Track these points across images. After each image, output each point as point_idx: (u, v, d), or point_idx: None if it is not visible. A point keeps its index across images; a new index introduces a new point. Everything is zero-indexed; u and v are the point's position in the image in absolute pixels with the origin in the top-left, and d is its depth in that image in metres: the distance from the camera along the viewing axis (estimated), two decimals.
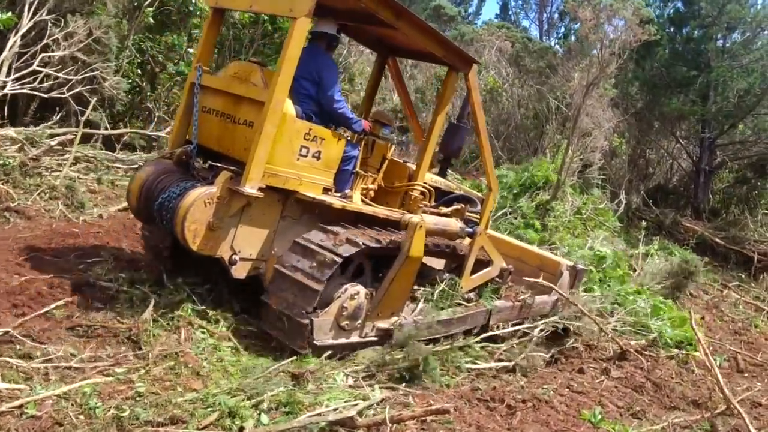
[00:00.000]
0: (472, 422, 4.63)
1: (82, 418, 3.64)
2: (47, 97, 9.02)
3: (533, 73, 16.07)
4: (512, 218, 11.12)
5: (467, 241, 6.52)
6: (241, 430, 3.77)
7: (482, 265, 6.62)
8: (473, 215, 6.74)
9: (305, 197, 5.11)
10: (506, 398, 5.31)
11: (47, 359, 4.19)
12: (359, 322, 5.26)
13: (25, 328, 4.53)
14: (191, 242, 4.65)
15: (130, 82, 10.23)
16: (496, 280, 6.84)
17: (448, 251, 6.14)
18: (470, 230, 6.35)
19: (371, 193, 6.19)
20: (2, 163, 7.49)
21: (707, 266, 13.72)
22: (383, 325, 5.42)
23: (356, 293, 5.16)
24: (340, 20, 5.75)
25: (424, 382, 5.19)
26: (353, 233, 5.09)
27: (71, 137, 8.59)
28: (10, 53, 8.46)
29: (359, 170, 5.94)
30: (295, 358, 4.92)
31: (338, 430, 3.87)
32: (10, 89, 8.42)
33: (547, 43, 18.96)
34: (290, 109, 4.90)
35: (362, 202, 5.82)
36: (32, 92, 8.84)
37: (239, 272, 5.08)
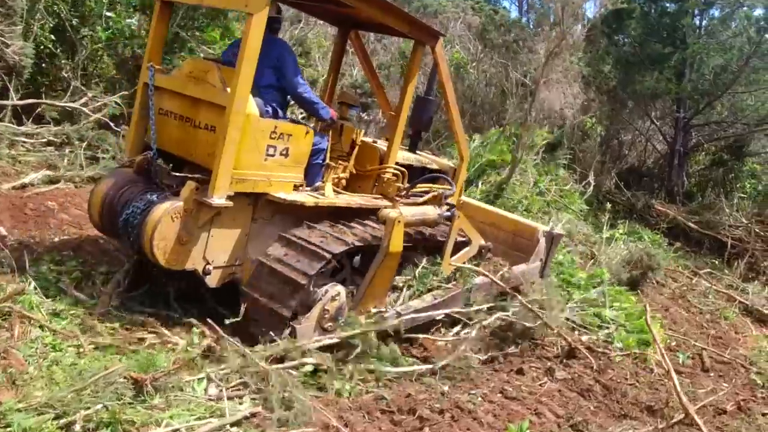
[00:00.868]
0: None
1: None
2: None
3: (499, 47, 15.11)
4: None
5: None
6: None
7: (462, 244, 6.41)
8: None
9: (277, 199, 4.92)
10: (419, 408, 4.43)
11: None
12: (342, 320, 5.02)
13: None
14: (161, 259, 4.47)
15: (42, 48, 9.18)
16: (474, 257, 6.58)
17: (428, 238, 6.03)
18: (448, 214, 6.10)
19: (343, 182, 5.98)
20: None
21: (678, 251, 12.97)
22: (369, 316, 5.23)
23: (337, 294, 4.97)
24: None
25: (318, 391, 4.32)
26: (340, 231, 5.07)
27: None
28: None
29: (329, 162, 5.69)
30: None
31: None
32: None
33: (517, 17, 18.03)
34: (253, 108, 4.67)
35: (334, 192, 5.58)
36: None
37: (214, 281, 4.91)
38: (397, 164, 6.19)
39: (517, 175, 11.06)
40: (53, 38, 9.41)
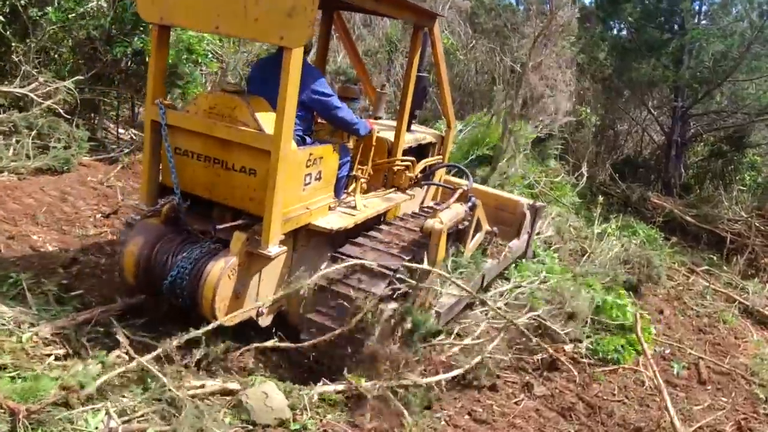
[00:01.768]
0: None
1: None
2: None
3: (489, 32, 14.42)
4: None
5: None
6: None
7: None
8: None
9: (322, 229, 4.71)
10: None
11: None
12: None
13: None
14: (221, 317, 4.12)
15: None
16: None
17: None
18: (470, 205, 6.13)
19: (364, 185, 5.77)
20: None
21: (675, 246, 12.34)
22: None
23: (391, 312, 4.67)
24: None
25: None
26: (390, 248, 5.00)
27: None
28: None
29: (355, 173, 5.59)
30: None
31: None
32: None
33: (508, 1, 17.31)
34: (293, 144, 4.27)
35: (364, 206, 5.41)
36: None
37: (266, 321, 4.61)
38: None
39: (504, 166, 10.40)
40: (2, 20, 8.72)
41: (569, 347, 5.96)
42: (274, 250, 4.22)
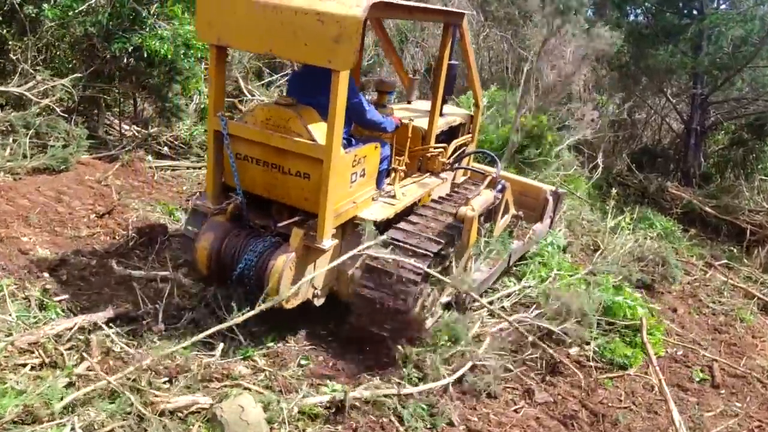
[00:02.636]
0: None
1: None
2: None
3: (501, 20, 14.08)
4: None
5: None
6: None
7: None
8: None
9: (368, 222, 5.08)
10: None
11: None
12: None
13: None
14: (285, 304, 4.66)
15: None
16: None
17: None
18: (501, 187, 6.53)
19: (402, 174, 6.04)
20: None
21: (693, 239, 11.98)
22: (446, 298, 5.67)
23: (428, 295, 5.24)
24: None
25: None
26: (429, 232, 5.29)
27: None
28: None
29: (394, 166, 5.92)
30: None
31: None
32: None
33: None
34: (341, 149, 4.72)
35: (402, 194, 5.81)
36: None
37: (320, 301, 5.16)
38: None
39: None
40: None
41: (574, 350, 5.72)
42: (327, 243, 4.74)
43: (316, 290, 5.02)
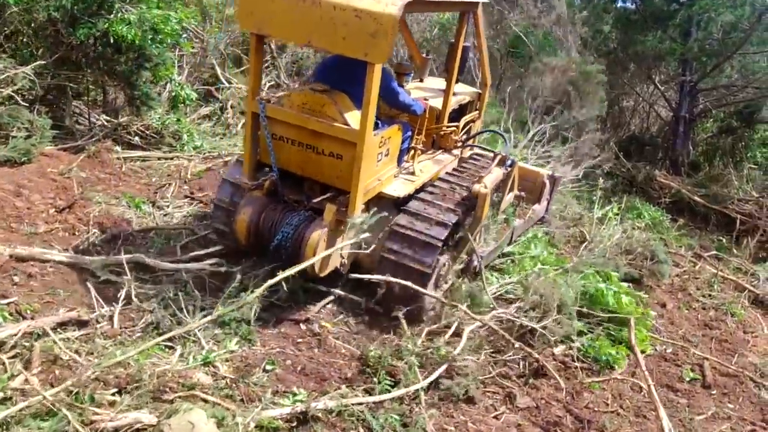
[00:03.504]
0: None
1: None
2: None
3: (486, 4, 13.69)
4: None
5: None
6: None
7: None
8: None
9: (391, 196, 5.64)
10: None
11: None
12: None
13: None
14: (319, 272, 5.17)
15: None
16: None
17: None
18: (509, 165, 6.86)
19: (420, 153, 6.48)
20: None
21: (682, 229, 11.73)
22: (458, 266, 6.07)
23: (444, 264, 5.72)
24: None
25: None
26: (447, 202, 5.77)
27: None
28: None
29: (413, 144, 6.32)
30: None
31: None
32: None
33: None
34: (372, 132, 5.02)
35: (420, 171, 6.23)
36: None
37: (346, 270, 5.55)
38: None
39: (498, 144, 9.83)
40: None
41: (559, 349, 5.43)
42: (358, 218, 5.02)
43: (343, 260, 5.45)
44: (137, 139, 9.11)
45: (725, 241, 11.90)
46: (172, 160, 8.70)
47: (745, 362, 6.25)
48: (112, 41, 8.05)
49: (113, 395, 3.72)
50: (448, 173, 6.49)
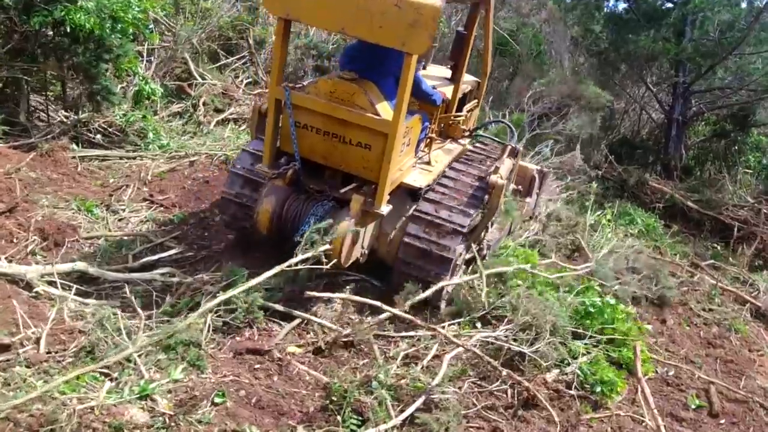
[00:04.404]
0: None
1: None
2: None
3: None
4: None
5: None
6: None
7: None
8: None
9: (411, 187, 5.57)
10: None
11: None
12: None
13: None
14: (345, 263, 5.11)
15: None
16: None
17: None
18: (515, 154, 6.85)
19: (434, 142, 6.42)
20: None
21: (676, 236, 11.23)
22: (468, 255, 5.99)
23: (460, 254, 5.65)
24: None
25: None
26: (464, 194, 5.79)
27: None
28: None
29: (430, 135, 6.22)
30: None
31: None
32: None
33: None
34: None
35: (435, 161, 6.13)
36: None
37: (364, 259, 5.53)
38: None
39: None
40: None
41: (552, 375, 4.86)
42: (385, 209, 5.09)
43: (363, 250, 5.42)
44: (99, 137, 8.47)
45: (720, 248, 11.44)
46: (134, 159, 8.06)
47: (753, 386, 5.71)
48: (68, 30, 7.41)
49: None
50: (456, 161, 6.44)
